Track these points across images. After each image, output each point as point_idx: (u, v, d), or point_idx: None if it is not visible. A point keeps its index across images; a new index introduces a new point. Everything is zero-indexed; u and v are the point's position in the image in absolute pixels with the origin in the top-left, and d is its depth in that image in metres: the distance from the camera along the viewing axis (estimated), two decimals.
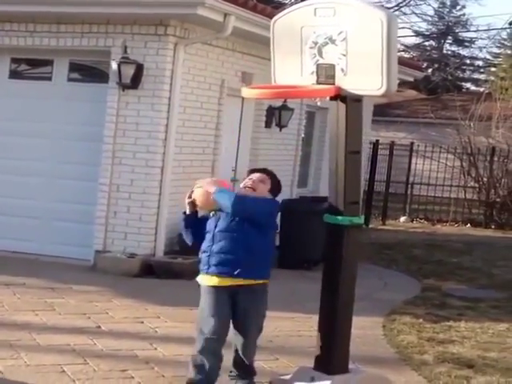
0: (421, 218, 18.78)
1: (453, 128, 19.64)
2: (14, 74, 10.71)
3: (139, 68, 9.66)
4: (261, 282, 5.33)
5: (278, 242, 11.29)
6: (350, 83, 5.19)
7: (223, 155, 11.27)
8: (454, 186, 19.42)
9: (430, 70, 35.68)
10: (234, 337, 5.41)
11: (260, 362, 6.31)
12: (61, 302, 7.99)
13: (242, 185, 5.45)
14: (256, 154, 12.32)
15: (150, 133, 9.83)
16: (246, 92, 5.63)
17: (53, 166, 10.39)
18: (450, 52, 37.71)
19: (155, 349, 6.52)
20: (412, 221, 18.68)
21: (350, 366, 5.65)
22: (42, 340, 6.55)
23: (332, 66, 5.24)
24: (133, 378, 5.75)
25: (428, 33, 37.70)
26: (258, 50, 11.59)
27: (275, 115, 12.35)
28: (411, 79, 17.71)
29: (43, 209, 10.38)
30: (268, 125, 12.37)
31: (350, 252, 5.44)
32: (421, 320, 8.16)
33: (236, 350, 5.42)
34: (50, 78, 10.53)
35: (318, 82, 5.31)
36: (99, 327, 7.13)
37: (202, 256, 5.36)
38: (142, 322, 7.35)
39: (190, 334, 7.01)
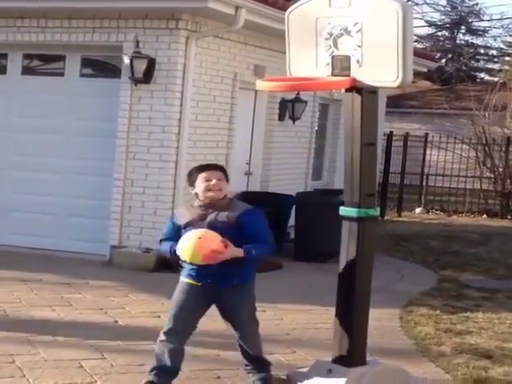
0: (436, 210, 18.71)
1: (467, 118, 19.55)
2: (27, 70, 10.72)
3: (151, 62, 9.65)
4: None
5: (293, 235, 11.29)
6: (366, 75, 5.15)
7: (237, 149, 11.25)
8: (470, 177, 19.32)
9: (443, 61, 35.49)
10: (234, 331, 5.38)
11: (277, 355, 6.31)
12: (77, 297, 8.00)
13: (199, 189, 5.12)
14: (269, 147, 12.30)
15: (163, 127, 9.82)
16: (261, 85, 5.58)
17: (67, 162, 10.40)
18: (463, 42, 37.52)
19: None
20: (428, 212, 18.61)
21: (368, 358, 5.63)
22: (59, 335, 6.55)
23: (347, 58, 5.20)
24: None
25: (441, 23, 37.52)
26: (270, 42, 11.55)
27: (288, 108, 12.32)
28: (425, 70, 17.63)
29: (58, 205, 10.40)
30: (281, 117, 12.34)
31: (366, 244, 5.41)
32: (438, 311, 8.13)
33: (240, 344, 5.38)
34: (62, 74, 10.54)
35: (333, 74, 5.27)
36: (116, 322, 7.13)
37: (187, 266, 5.17)
38: (159, 317, 7.35)
39: (207, 328, 7.02)
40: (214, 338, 6.70)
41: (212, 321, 7.28)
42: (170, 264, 9.51)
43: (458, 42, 37.50)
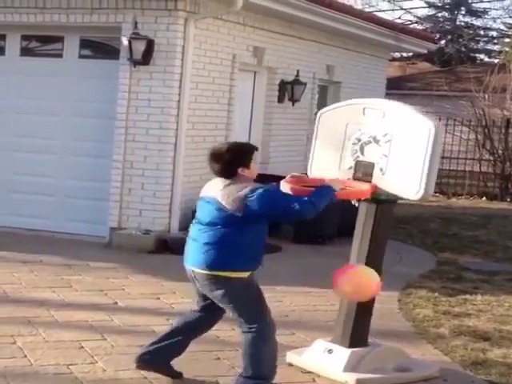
0: (435, 192, 18.56)
1: (467, 100, 19.48)
2: (25, 52, 10.68)
3: (150, 44, 9.62)
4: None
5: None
6: (387, 183, 5.34)
7: (236, 130, 11.24)
8: (469, 159, 19.28)
9: (443, 42, 35.37)
10: None
11: (277, 337, 6.32)
12: (77, 278, 8.02)
13: (254, 169, 4.99)
14: (269, 129, 12.29)
15: (162, 109, 9.80)
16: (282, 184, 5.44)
17: (66, 144, 10.39)
18: (463, 23, 37.34)
19: (172, 324, 6.52)
20: None
21: (369, 340, 5.68)
22: (60, 316, 6.58)
23: (371, 165, 5.41)
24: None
25: (441, 4, 37.35)
26: (269, 24, 11.53)
27: (288, 90, 12.31)
28: (425, 51, 17.61)
29: (57, 186, 10.39)
30: (281, 99, 12.33)
31: (383, 227, 5.55)
32: (436, 294, 8.15)
33: None
34: (61, 55, 10.50)
35: (355, 178, 5.48)
36: (116, 303, 7.15)
37: (259, 249, 5.05)
38: (159, 298, 7.38)
39: None
40: None
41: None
42: (169, 246, 9.55)
43: (457, 23, 37.34)
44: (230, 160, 4.89)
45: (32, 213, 10.40)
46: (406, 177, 5.29)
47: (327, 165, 5.62)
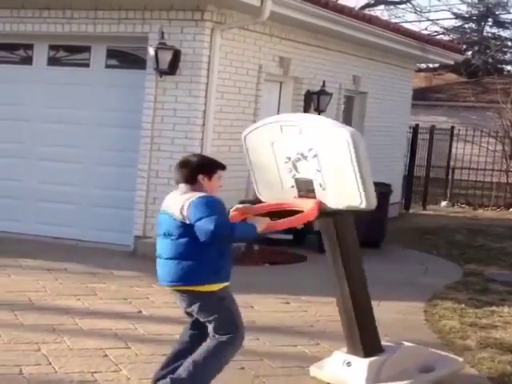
0: (462, 203, 18.58)
1: (494, 111, 19.37)
2: (52, 61, 10.76)
3: (176, 54, 9.65)
4: None
5: (316, 227, 11.25)
6: (331, 198, 5.20)
7: None
8: (496, 171, 19.16)
9: (470, 53, 35.21)
10: None
11: (301, 347, 6.31)
12: (102, 287, 8.03)
13: (212, 184, 4.94)
14: None
15: (188, 119, 9.82)
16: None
17: (91, 153, 10.43)
18: (490, 34, 37.15)
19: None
20: (453, 205, 18.48)
21: (384, 342, 5.62)
22: (84, 324, 6.59)
23: (310, 181, 5.27)
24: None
25: (468, 15, 37.20)
26: (295, 34, 11.52)
27: (313, 100, 12.28)
28: (451, 62, 17.50)
29: (83, 195, 10.44)
30: (306, 110, 12.29)
31: (346, 236, 5.47)
32: (463, 305, 8.07)
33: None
34: (87, 65, 10.57)
35: (300, 196, 5.35)
36: (140, 312, 7.16)
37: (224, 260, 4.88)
38: None
39: None
40: None
41: None
42: None
43: (484, 34, 37.15)
44: (194, 165, 4.89)
45: (57, 221, 10.45)
46: (345, 189, 5.14)
47: (270, 186, 5.48)
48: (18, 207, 10.69)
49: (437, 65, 28.13)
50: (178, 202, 4.82)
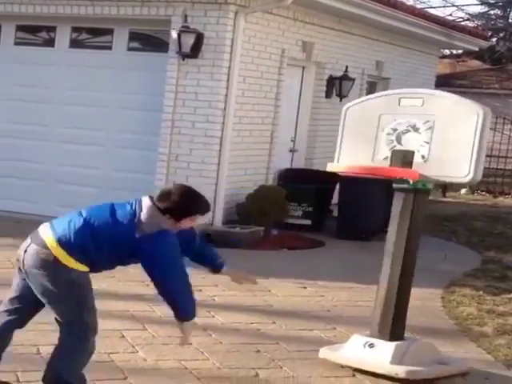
0: (482, 191, 18.47)
1: None
2: (75, 44, 10.80)
3: (199, 37, 9.65)
4: None
5: (336, 213, 11.26)
6: (431, 169, 5.31)
7: (282, 125, 11.23)
8: None
9: (494, 40, 34.89)
10: None
11: (317, 332, 6.33)
12: (120, 269, 8.05)
13: (183, 223, 4.48)
14: (315, 125, 12.25)
15: (209, 102, 9.83)
16: (332, 167, 5.61)
17: (112, 136, 10.48)
18: None
19: (213, 316, 6.56)
20: (473, 193, 18.38)
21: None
22: (102, 306, 6.56)
23: (410, 153, 5.37)
24: (191, 344, 5.80)
25: (493, 1, 36.83)
26: (319, 18, 11.48)
27: (336, 85, 12.25)
28: (476, 49, 17.37)
29: (103, 178, 10.49)
30: (328, 95, 12.27)
31: (419, 217, 5.50)
32: (481, 292, 8.06)
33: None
34: (110, 47, 10.61)
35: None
36: (157, 295, 7.18)
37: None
38: (200, 290, 7.39)
39: (248, 303, 7.07)
40: (255, 312, 6.75)
41: (253, 296, 7.34)
42: (212, 239, 9.58)
43: (510, 20, 36.78)
44: (172, 206, 4.33)
45: (77, 203, 10.38)
46: (453, 161, 5.27)
47: (358, 156, 5.59)
48: (38, 189, 10.77)
49: (460, 51, 27.87)
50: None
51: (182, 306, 4.58)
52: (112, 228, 4.40)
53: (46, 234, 4.41)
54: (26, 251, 4.38)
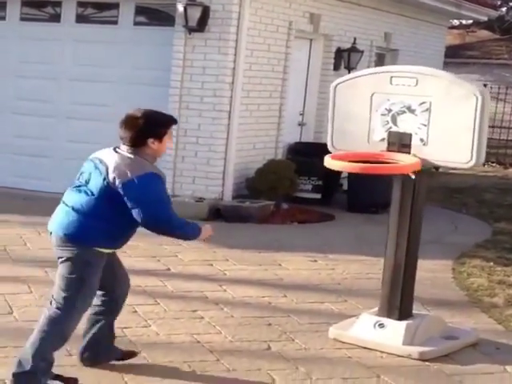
0: (492, 162, 18.39)
1: None
2: (81, 18, 10.72)
3: (205, 10, 9.58)
4: None
5: (346, 186, 11.24)
6: (431, 154, 5.16)
7: (291, 99, 11.17)
8: None
9: (504, 9, 34.60)
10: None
11: (328, 304, 6.34)
12: (131, 245, 7.96)
13: (163, 146, 4.57)
14: (324, 98, 12.16)
15: (216, 76, 9.78)
16: (329, 163, 5.32)
17: (120, 111, 10.24)
18: None
19: (224, 290, 6.58)
20: (483, 164, 18.29)
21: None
22: None
23: (408, 135, 5.20)
24: (202, 318, 5.82)
25: None
26: None
27: (344, 57, 12.16)
28: (485, 18, 17.23)
29: None
30: (336, 67, 12.19)
31: (421, 196, 5.42)
32: (491, 263, 8.04)
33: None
34: (116, 22, 10.53)
35: (389, 150, 5.27)
36: (169, 269, 7.21)
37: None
38: (211, 265, 7.42)
39: (259, 277, 7.09)
40: (266, 286, 6.76)
41: (264, 270, 7.35)
42: (222, 214, 9.59)
43: None
44: (143, 127, 4.42)
45: None
46: (454, 146, 5.12)
47: (353, 138, 5.40)
48: (46, 166, 10.75)
49: (470, 22, 27.68)
50: (115, 165, 4.42)
51: (182, 233, 4.72)
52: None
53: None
54: None
